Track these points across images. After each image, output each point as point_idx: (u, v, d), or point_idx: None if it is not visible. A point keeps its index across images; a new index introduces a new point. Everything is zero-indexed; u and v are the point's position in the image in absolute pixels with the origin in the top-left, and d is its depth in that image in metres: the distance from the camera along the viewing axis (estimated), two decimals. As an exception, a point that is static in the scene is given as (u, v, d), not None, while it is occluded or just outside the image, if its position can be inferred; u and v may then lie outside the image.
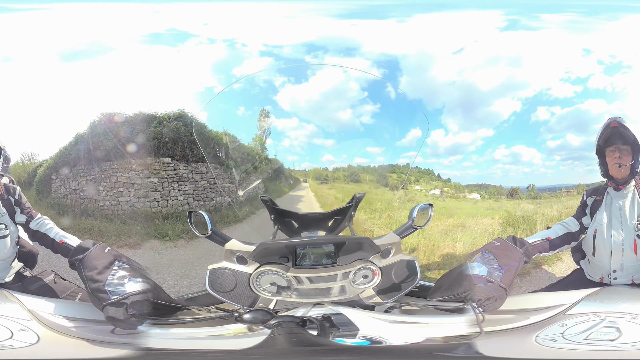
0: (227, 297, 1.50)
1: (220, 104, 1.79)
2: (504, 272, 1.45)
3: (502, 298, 1.40)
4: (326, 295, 1.47)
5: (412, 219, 1.62)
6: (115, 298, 1.32)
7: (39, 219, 1.81)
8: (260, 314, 1.32)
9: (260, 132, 1.87)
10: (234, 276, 1.50)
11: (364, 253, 1.52)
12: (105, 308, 1.31)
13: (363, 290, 1.51)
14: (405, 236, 1.63)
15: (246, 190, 1.91)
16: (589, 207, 1.92)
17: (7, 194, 1.79)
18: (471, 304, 1.35)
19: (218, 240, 1.58)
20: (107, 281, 1.36)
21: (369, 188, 1.99)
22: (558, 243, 1.89)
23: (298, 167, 1.99)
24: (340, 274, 1.47)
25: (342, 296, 1.48)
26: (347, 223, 1.75)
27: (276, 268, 1.45)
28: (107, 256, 1.46)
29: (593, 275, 1.92)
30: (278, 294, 1.46)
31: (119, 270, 1.41)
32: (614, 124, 1.82)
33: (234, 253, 1.52)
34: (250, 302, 1.50)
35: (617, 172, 1.83)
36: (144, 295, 1.37)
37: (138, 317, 1.33)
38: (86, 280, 1.39)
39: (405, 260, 1.56)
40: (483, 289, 1.38)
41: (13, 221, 1.78)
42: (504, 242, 1.61)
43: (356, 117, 1.97)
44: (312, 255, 1.51)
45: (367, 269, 1.49)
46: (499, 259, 1.49)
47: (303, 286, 1.46)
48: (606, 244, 1.81)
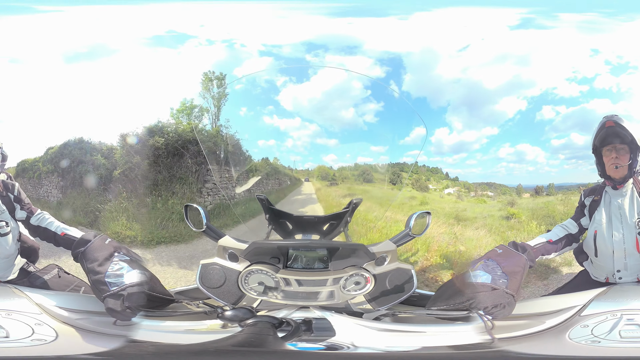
0: (214, 292, 1.50)
1: (223, 105, 1.81)
2: (509, 278, 1.43)
3: (510, 304, 1.37)
4: (313, 299, 1.45)
5: (409, 227, 1.61)
6: (114, 289, 1.34)
7: (39, 214, 1.82)
8: (242, 312, 1.31)
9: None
10: (223, 272, 1.50)
11: (357, 259, 1.50)
12: (105, 299, 1.33)
13: (353, 296, 1.48)
14: (402, 244, 1.61)
15: (244, 188, 1.92)
16: (587, 207, 1.89)
17: (5, 191, 1.79)
18: (477, 312, 1.33)
19: (212, 235, 1.59)
20: (107, 272, 1.39)
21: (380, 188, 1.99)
22: (559, 245, 1.87)
23: (301, 167, 1.98)
24: (330, 279, 1.45)
25: (329, 301, 1.45)
26: (343, 228, 1.73)
27: (266, 268, 1.44)
28: (108, 248, 1.49)
29: (598, 275, 1.90)
30: (264, 294, 1.45)
31: (118, 262, 1.44)
32: (610, 124, 1.77)
33: (227, 250, 1.53)
34: (234, 300, 1.49)
35: (614, 172, 1.79)
36: (140, 287, 1.38)
37: (133, 309, 1.35)
38: (88, 272, 1.42)
39: (401, 269, 1.54)
40: (488, 297, 1.36)
41: (13, 218, 1.78)
42: (506, 248, 1.60)
43: (359, 116, 1.96)
44: (303, 258, 1.50)
45: (360, 275, 1.47)
46: (503, 266, 1.48)
47: (290, 288, 1.44)
48: (607, 244, 1.78)
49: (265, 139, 1.94)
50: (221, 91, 6.31)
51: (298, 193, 2.14)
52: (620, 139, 1.77)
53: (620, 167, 1.77)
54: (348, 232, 1.74)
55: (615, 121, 1.76)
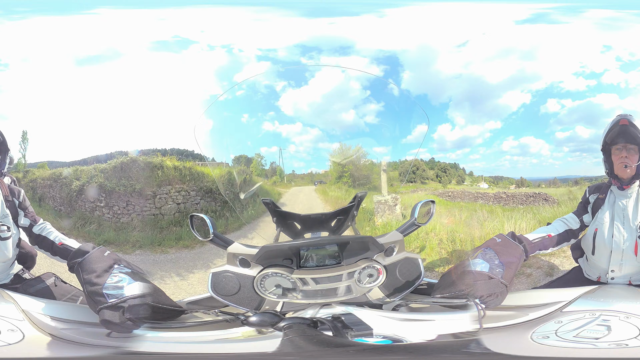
0: (231, 300, 1.50)
1: (225, 112, 1.76)
2: (505, 268, 1.46)
3: (502, 294, 1.41)
4: (333, 295, 1.47)
5: (414, 216, 1.64)
6: (112, 301, 1.32)
7: (42, 223, 1.80)
8: (268, 316, 1.32)
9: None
10: (237, 279, 1.49)
11: (367, 252, 1.53)
12: (101, 311, 1.31)
13: (369, 289, 1.52)
14: (408, 234, 1.64)
15: (247, 193, 1.90)
16: (591, 204, 1.87)
17: (11, 196, 1.77)
18: (473, 300, 1.36)
19: (220, 243, 1.57)
20: (105, 284, 1.36)
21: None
22: (558, 240, 1.86)
23: (304, 172, 1.99)
24: (345, 274, 1.47)
25: (348, 296, 1.48)
26: (350, 223, 1.75)
27: (280, 270, 1.45)
28: (107, 260, 1.46)
29: (591, 274, 1.90)
30: (284, 295, 1.46)
31: (118, 274, 1.41)
32: (624, 122, 1.74)
33: (237, 256, 1.52)
34: (256, 305, 1.49)
35: (622, 172, 1.76)
36: (142, 299, 1.36)
37: (135, 321, 1.33)
38: (84, 283, 1.39)
39: (409, 258, 1.57)
40: (484, 285, 1.40)
41: (15, 224, 1.76)
42: (505, 238, 1.62)
43: (360, 118, 1.97)
44: (315, 256, 1.51)
45: (372, 267, 1.50)
46: (500, 256, 1.51)
47: (309, 287, 1.46)
48: (606, 244, 1.77)
49: (268, 146, 1.93)
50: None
51: (301, 194, 2.12)
52: (632, 139, 1.74)
53: (630, 167, 1.74)
54: (356, 225, 1.76)
55: (630, 120, 1.74)
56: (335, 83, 2.33)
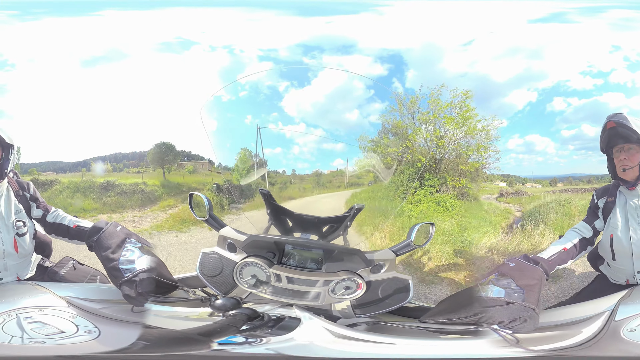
0: (210, 281, 1.54)
1: (228, 114, 1.78)
2: (525, 292, 1.40)
3: (532, 317, 1.34)
4: (299, 298, 1.44)
5: (410, 238, 1.57)
6: (128, 276, 1.38)
7: (54, 211, 1.84)
8: (230, 302, 1.33)
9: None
10: (221, 262, 1.53)
11: (352, 264, 1.49)
12: (121, 286, 1.37)
13: (339, 300, 1.47)
14: (402, 254, 1.57)
15: (247, 181, 1.95)
16: (600, 209, 1.80)
17: (21, 190, 1.78)
18: (490, 326, 1.32)
19: (214, 225, 1.61)
20: (120, 259, 1.43)
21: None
22: (574, 251, 1.77)
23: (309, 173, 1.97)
24: (321, 281, 1.44)
25: (314, 302, 1.44)
26: (342, 233, 1.72)
27: (260, 261, 1.45)
28: (119, 234, 1.51)
29: (617, 278, 1.80)
30: (255, 287, 1.46)
31: (130, 249, 1.48)
32: (611, 125, 1.66)
33: (227, 240, 1.56)
34: (227, 290, 1.52)
35: (623, 175, 1.70)
36: (150, 273, 1.42)
37: (145, 295, 1.39)
38: (103, 261, 1.45)
39: (398, 279, 1.52)
40: (503, 311, 1.34)
41: (29, 217, 1.78)
42: (519, 261, 1.55)
43: (364, 117, 2.02)
44: (298, 257, 1.51)
45: (352, 280, 1.44)
46: (517, 280, 1.44)
47: (280, 285, 1.45)
48: (625, 246, 1.69)
49: (272, 147, 1.96)
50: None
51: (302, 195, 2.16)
52: (626, 139, 1.66)
53: (629, 168, 1.67)
54: (347, 236, 1.73)
55: (618, 121, 1.65)
56: (337, 83, 2.36)
